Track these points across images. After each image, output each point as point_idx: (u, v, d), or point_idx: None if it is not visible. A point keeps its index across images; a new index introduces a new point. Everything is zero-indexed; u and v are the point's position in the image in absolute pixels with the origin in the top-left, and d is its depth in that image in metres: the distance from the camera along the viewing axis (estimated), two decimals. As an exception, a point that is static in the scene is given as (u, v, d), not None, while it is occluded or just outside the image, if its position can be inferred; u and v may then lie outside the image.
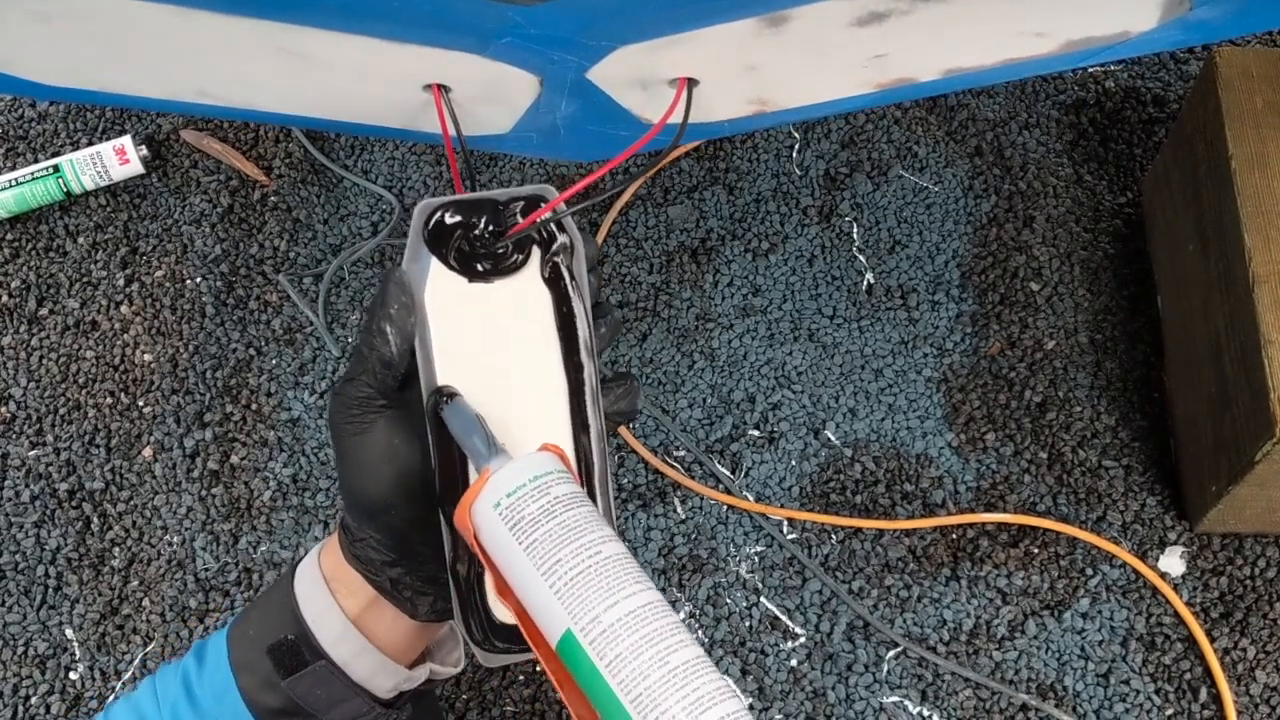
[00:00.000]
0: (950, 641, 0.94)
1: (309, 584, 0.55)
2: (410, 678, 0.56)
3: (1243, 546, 0.96)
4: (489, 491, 0.45)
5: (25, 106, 1.19)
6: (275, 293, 1.10)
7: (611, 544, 0.44)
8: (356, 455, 0.51)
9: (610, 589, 0.42)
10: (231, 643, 0.56)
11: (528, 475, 0.45)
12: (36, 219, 1.14)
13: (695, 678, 0.41)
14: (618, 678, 0.41)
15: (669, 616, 0.42)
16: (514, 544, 0.44)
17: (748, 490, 1.00)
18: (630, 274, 1.09)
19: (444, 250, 0.51)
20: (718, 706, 0.40)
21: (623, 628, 0.41)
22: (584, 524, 0.44)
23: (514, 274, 0.52)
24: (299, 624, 0.54)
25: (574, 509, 0.45)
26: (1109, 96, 1.15)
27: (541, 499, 0.44)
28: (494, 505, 0.45)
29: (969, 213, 1.10)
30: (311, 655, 0.54)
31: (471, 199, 0.52)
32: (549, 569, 0.43)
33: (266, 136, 1.16)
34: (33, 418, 1.06)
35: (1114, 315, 1.06)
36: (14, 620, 0.98)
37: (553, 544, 0.43)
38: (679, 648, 0.41)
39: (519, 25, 0.54)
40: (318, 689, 0.54)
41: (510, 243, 0.52)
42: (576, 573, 0.43)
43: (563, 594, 0.42)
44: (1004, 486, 0.99)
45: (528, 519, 0.44)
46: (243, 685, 0.54)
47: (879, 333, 1.06)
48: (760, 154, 1.14)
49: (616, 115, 0.64)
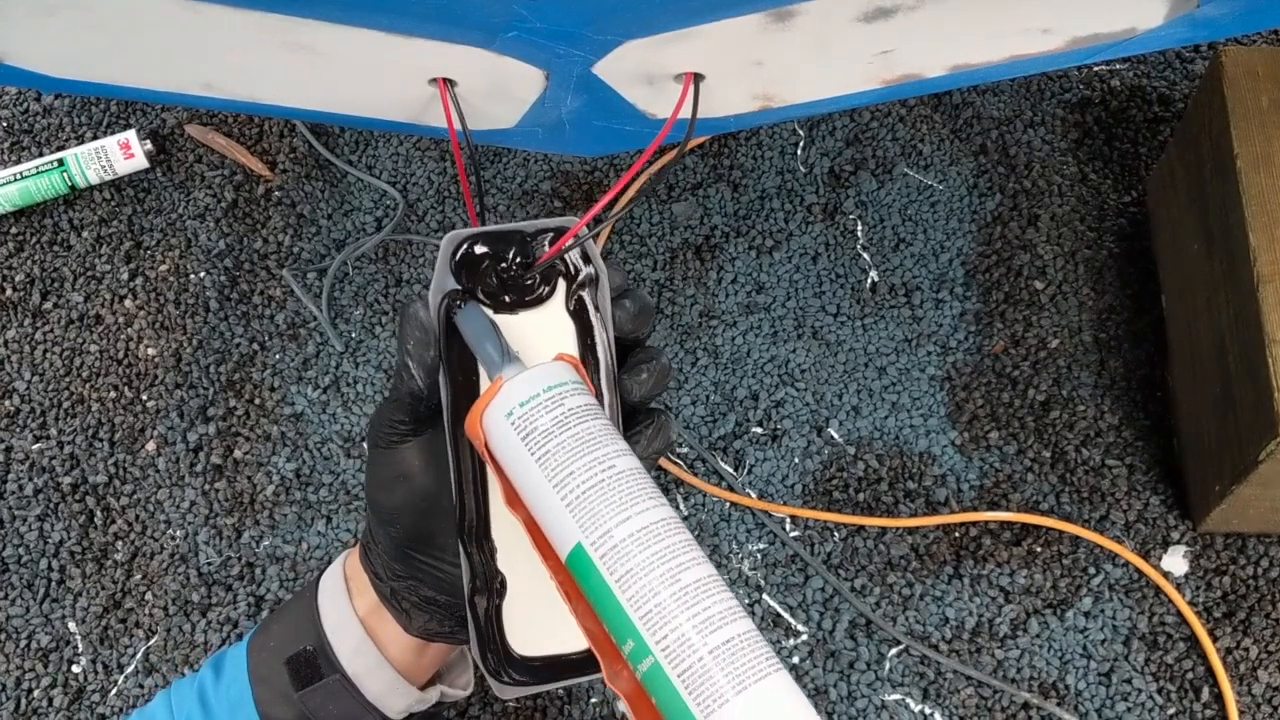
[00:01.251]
0: (952, 640, 0.94)
1: (331, 591, 0.55)
2: (422, 699, 0.56)
3: (1246, 546, 0.96)
4: (501, 400, 0.45)
5: (30, 100, 1.19)
6: (279, 288, 1.10)
7: (625, 458, 0.43)
8: (378, 465, 0.52)
9: (623, 504, 0.42)
10: (252, 653, 0.55)
11: (541, 385, 0.44)
12: (41, 213, 1.14)
13: (706, 596, 0.40)
14: (627, 594, 0.40)
15: (681, 534, 0.42)
16: (526, 454, 0.43)
17: (750, 487, 1.00)
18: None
19: (471, 281, 0.51)
20: (727, 626, 0.39)
21: (634, 543, 0.41)
22: (598, 437, 0.43)
23: (539, 306, 0.52)
24: (319, 634, 0.54)
25: (588, 421, 0.44)
26: (1114, 95, 1.15)
27: (555, 410, 0.44)
28: (506, 414, 0.44)
29: (973, 211, 1.10)
30: (328, 668, 0.53)
31: (499, 230, 0.51)
32: (561, 481, 0.42)
33: (271, 131, 1.16)
34: (36, 411, 1.06)
35: (1118, 314, 1.05)
36: (17, 613, 0.98)
37: (565, 456, 0.43)
38: (691, 565, 0.41)
39: (525, 19, 0.54)
40: (330, 704, 0.54)
41: (537, 274, 0.51)
42: (589, 486, 0.42)
43: (574, 507, 0.42)
44: (1007, 485, 0.99)
45: (540, 430, 0.43)
46: (259, 697, 0.54)
47: (882, 330, 1.06)
48: (765, 151, 1.14)
49: (622, 110, 0.64)
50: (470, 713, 0.93)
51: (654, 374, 0.52)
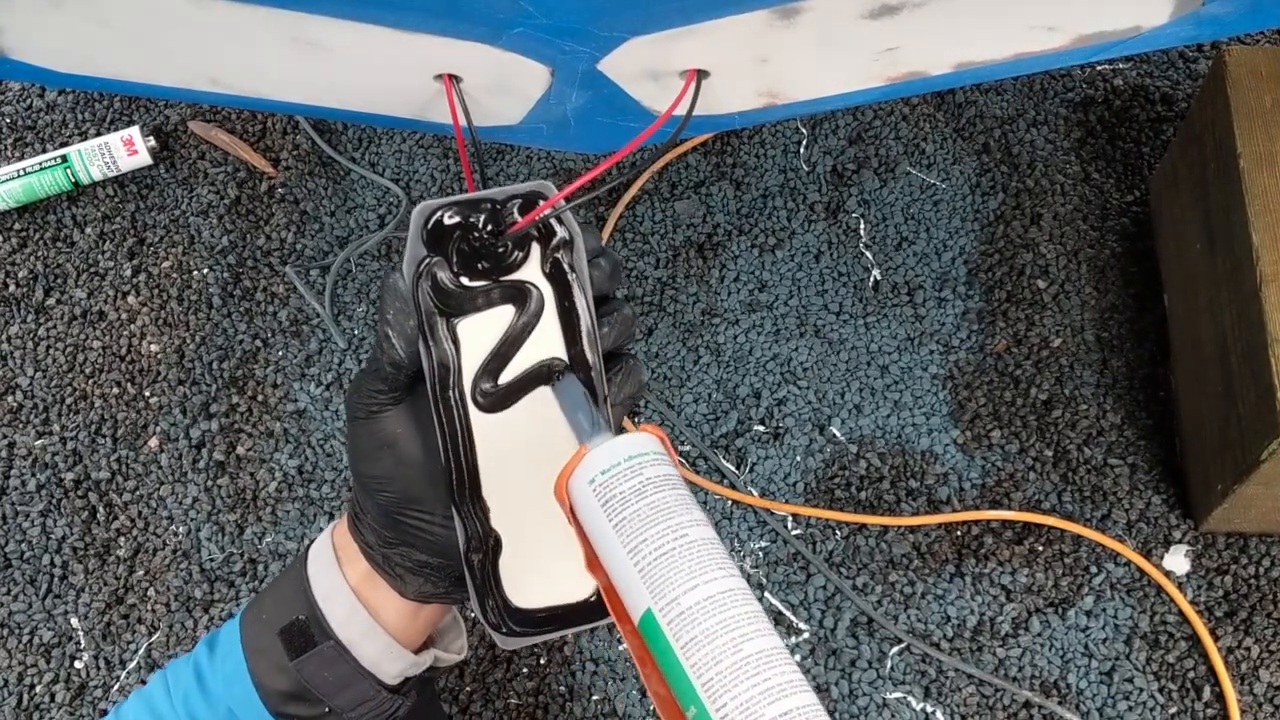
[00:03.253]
0: (954, 638, 0.94)
1: (320, 561, 0.56)
2: (416, 663, 0.57)
3: (1247, 546, 0.96)
4: (585, 467, 0.46)
5: (34, 97, 1.20)
6: (282, 284, 1.10)
7: (699, 528, 0.45)
8: (360, 437, 0.53)
9: (692, 572, 0.43)
10: (245, 627, 0.56)
11: (623, 455, 0.46)
12: (44, 209, 1.15)
13: (768, 668, 0.41)
14: (691, 660, 0.41)
15: (749, 604, 0.43)
16: (605, 520, 0.45)
17: (752, 486, 1.00)
18: (636, 269, 1.09)
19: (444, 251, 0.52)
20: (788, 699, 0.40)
21: (700, 611, 0.42)
22: (674, 506, 0.45)
23: (515, 271, 0.52)
24: (310, 604, 0.54)
25: (665, 491, 0.45)
26: (1117, 95, 1.15)
27: (634, 479, 0.45)
28: (589, 481, 0.46)
29: (976, 210, 1.10)
30: (321, 635, 0.54)
31: (469, 199, 0.52)
32: (635, 547, 0.44)
33: (274, 129, 1.17)
34: (39, 407, 1.06)
35: (1120, 313, 1.05)
36: (19, 609, 0.98)
37: (640, 523, 0.44)
38: (755, 636, 0.42)
39: (531, 15, 0.54)
40: (325, 671, 0.54)
41: (510, 240, 0.52)
42: (660, 553, 0.43)
43: (646, 573, 0.43)
44: (1009, 484, 0.99)
45: (618, 497, 0.45)
46: (254, 669, 0.55)
47: (885, 329, 1.06)
48: (767, 150, 1.14)
49: (627, 107, 0.64)
50: (472, 709, 0.93)
51: (618, 324, 0.54)
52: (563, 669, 0.94)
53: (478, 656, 0.95)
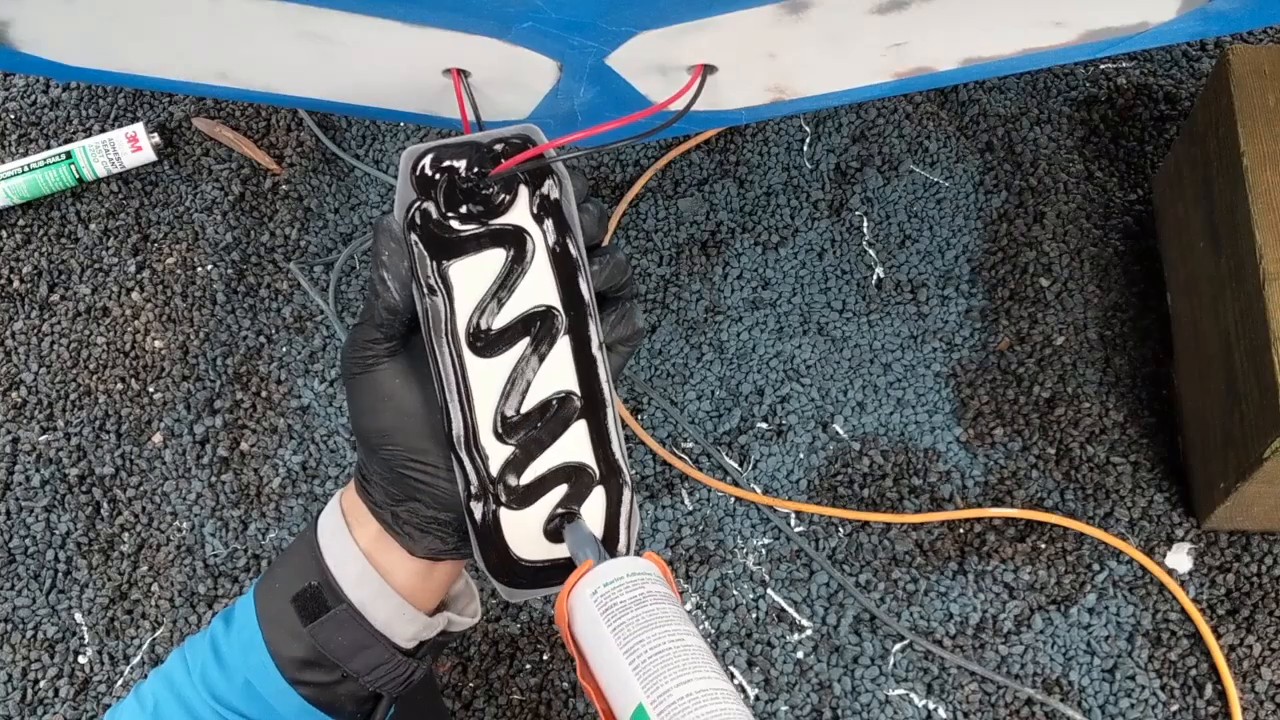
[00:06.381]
0: (957, 635, 0.94)
1: (330, 526, 0.56)
2: (429, 625, 0.57)
3: (1250, 544, 0.96)
4: (589, 579, 0.49)
5: (38, 92, 1.20)
6: (286, 281, 1.10)
7: (695, 638, 0.47)
8: (359, 392, 0.53)
9: (684, 669, 0.45)
10: (259, 597, 0.56)
11: (626, 570, 0.49)
12: (48, 205, 1.15)
13: None
14: None
15: (736, 704, 0.44)
16: (603, 625, 0.47)
17: (755, 483, 1.00)
18: (640, 266, 1.09)
19: (433, 194, 0.52)
20: None
21: (691, 703, 0.44)
22: (671, 617, 0.47)
23: (504, 214, 0.53)
24: (321, 569, 0.55)
25: (665, 605, 0.47)
26: (1121, 93, 1.15)
27: (636, 590, 0.48)
28: (591, 592, 0.48)
29: (979, 208, 1.11)
30: (333, 600, 0.54)
31: (455, 143, 0.52)
32: (631, 647, 0.46)
33: (278, 125, 1.17)
34: (43, 403, 1.06)
35: (1124, 312, 1.06)
36: (23, 604, 0.99)
37: (639, 627, 0.46)
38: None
39: (540, 10, 0.55)
40: (339, 635, 0.54)
41: (497, 182, 0.52)
42: (656, 653, 0.45)
43: (640, 670, 0.45)
44: (1011, 481, 0.99)
45: (619, 604, 0.47)
46: (269, 637, 0.55)
47: (888, 327, 1.06)
48: (771, 147, 1.14)
49: (635, 102, 0.64)
50: (475, 705, 0.93)
51: (609, 265, 0.54)
52: (566, 665, 0.95)
53: (481, 653, 0.95)
